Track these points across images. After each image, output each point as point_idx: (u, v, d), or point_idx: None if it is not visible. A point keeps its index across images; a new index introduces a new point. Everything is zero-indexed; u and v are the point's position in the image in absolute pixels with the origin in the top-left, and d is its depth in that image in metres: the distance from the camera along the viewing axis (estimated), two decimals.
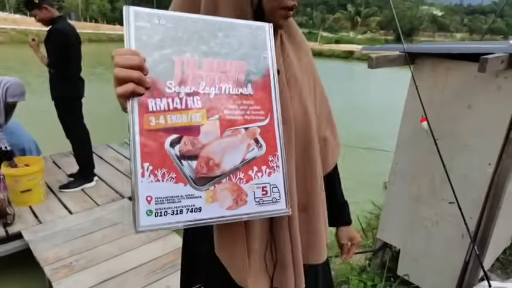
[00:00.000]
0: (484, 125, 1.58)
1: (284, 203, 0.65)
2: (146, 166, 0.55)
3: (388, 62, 1.66)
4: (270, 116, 0.64)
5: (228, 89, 0.62)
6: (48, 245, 2.52)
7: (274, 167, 0.64)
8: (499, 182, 1.60)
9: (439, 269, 1.86)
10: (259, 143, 0.63)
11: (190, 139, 0.58)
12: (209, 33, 0.62)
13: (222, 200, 0.60)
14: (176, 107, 0.57)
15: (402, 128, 1.89)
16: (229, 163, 0.60)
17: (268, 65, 0.65)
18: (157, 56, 0.57)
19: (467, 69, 1.58)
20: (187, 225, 0.57)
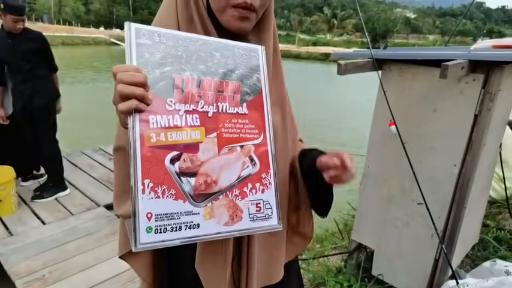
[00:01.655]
0: (449, 127, 1.64)
1: (276, 219, 0.67)
2: (147, 183, 0.56)
3: (357, 68, 1.70)
4: (263, 134, 0.67)
5: (225, 107, 0.64)
6: (20, 258, 2.45)
7: (267, 184, 0.66)
8: (464, 182, 1.66)
9: (411, 268, 1.92)
10: (254, 160, 0.66)
11: (190, 156, 0.60)
12: (207, 53, 0.64)
13: (219, 216, 0.61)
14: (176, 125, 0.59)
15: (372, 132, 1.95)
16: (226, 180, 0.62)
17: (261, 86, 0.69)
18: (158, 74, 0.59)
19: (432, 74, 1.64)
20: (185, 241, 0.58)
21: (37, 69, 3.03)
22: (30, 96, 3.00)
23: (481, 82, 1.52)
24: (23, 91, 3.00)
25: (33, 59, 2.99)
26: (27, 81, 3.00)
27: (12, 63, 2.97)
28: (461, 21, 33.87)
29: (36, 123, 3.07)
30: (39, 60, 3.03)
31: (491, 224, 2.72)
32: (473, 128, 1.59)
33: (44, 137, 3.15)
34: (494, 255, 2.38)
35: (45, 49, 3.07)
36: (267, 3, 0.76)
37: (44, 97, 3.07)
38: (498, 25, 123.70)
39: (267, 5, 0.77)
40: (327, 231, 3.24)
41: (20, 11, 2.85)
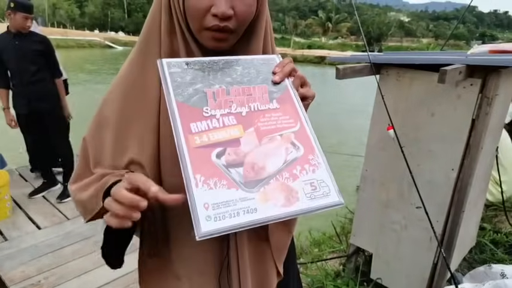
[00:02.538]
0: (447, 131, 1.65)
1: (336, 195, 0.66)
2: (198, 177, 0.60)
3: (355, 72, 1.71)
4: (300, 122, 0.71)
5: (257, 106, 0.70)
6: (15, 263, 2.42)
7: (316, 163, 0.68)
8: (462, 186, 1.67)
9: (409, 271, 1.92)
10: (296, 145, 0.68)
11: (233, 150, 0.64)
12: (230, 69, 0.72)
13: (274, 199, 0.62)
14: (215, 126, 0.65)
15: (370, 136, 1.95)
16: (273, 165, 0.65)
17: (286, 84, 0.74)
18: (191, 91, 0.67)
19: (429, 78, 1.65)
20: (246, 226, 0.60)
21: (43, 71, 3.04)
22: (38, 99, 3.03)
23: (478, 87, 1.53)
24: (29, 94, 3.01)
25: (39, 61, 3.01)
26: (33, 84, 3.00)
27: (18, 64, 2.97)
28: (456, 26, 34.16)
29: (47, 126, 3.12)
30: (44, 63, 3.06)
31: (487, 227, 2.73)
32: (470, 132, 1.60)
33: (56, 138, 3.21)
34: (491, 258, 2.39)
35: (50, 52, 3.09)
36: (247, 19, 0.74)
37: (51, 100, 3.10)
38: (490, 29, 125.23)
39: (250, 20, 0.75)
40: (324, 235, 3.24)
41: (30, 9, 2.92)
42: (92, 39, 40.61)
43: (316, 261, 2.54)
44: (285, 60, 0.76)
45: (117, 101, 0.78)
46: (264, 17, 0.79)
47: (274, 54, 0.78)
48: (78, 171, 0.82)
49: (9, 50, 2.92)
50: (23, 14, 2.85)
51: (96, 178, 0.75)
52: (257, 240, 0.85)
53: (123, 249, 0.80)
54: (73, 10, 69.51)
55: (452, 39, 33.09)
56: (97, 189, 0.73)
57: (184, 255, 0.82)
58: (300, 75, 0.75)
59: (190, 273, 0.82)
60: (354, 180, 5.17)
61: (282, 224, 0.88)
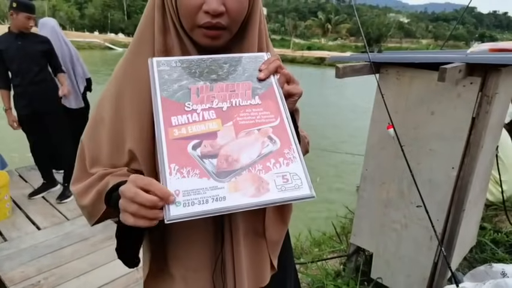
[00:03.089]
0: (447, 130, 1.65)
1: (307, 188, 0.67)
2: (173, 166, 0.63)
3: (355, 71, 1.71)
4: (280, 117, 0.72)
5: (238, 101, 0.72)
6: (14, 264, 2.42)
7: (291, 158, 0.69)
8: (462, 185, 1.67)
9: (410, 270, 1.92)
10: (273, 139, 0.70)
11: (209, 142, 0.67)
12: (217, 66, 0.74)
13: (244, 189, 0.64)
14: (195, 120, 0.68)
15: (370, 135, 1.95)
16: (247, 158, 0.67)
17: (271, 81, 0.75)
18: (176, 87, 0.70)
19: (429, 77, 1.65)
20: (213, 213, 0.62)
21: (45, 71, 3.08)
22: (40, 99, 3.04)
23: (478, 85, 1.53)
24: (31, 94, 3.02)
25: (42, 61, 3.04)
26: (36, 84, 3.02)
27: (21, 64, 2.97)
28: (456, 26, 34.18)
29: (48, 126, 3.14)
30: (46, 63, 3.10)
31: (488, 226, 2.73)
32: (471, 130, 1.60)
33: (57, 138, 3.23)
34: (492, 258, 2.39)
35: (52, 52, 3.12)
36: (240, 17, 0.75)
37: (52, 100, 3.13)
38: (490, 30, 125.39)
39: (243, 17, 0.76)
40: (324, 235, 3.24)
41: (33, 9, 2.96)
42: (91, 40, 40.64)
43: (317, 261, 2.53)
44: (270, 58, 0.77)
45: (111, 101, 0.79)
46: (257, 15, 0.79)
47: (263, 52, 0.79)
48: (76, 173, 0.82)
49: (12, 50, 2.93)
50: (26, 14, 2.87)
51: (96, 179, 0.76)
52: (252, 234, 0.85)
53: (138, 247, 0.80)
54: (73, 12, 69.56)
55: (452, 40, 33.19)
56: (99, 191, 0.74)
57: (178, 254, 0.82)
58: (285, 73, 0.76)
59: (185, 271, 0.82)
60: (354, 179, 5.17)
61: (277, 216, 0.89)
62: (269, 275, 0.90)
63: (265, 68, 0.75)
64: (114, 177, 0.74)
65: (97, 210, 0.77)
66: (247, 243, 0.84)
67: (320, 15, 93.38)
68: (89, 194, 0.76)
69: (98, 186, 0.74)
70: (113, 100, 0.78)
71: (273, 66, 0.75)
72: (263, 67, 0.75)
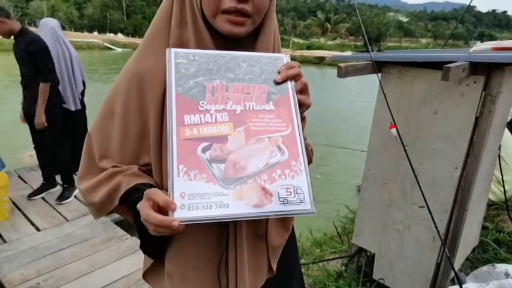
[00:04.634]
0: (450, 130, 1.63)
1: (309, 204, 0.68)
2: (181, 168, 0.64)
3: (357, 71, 1.69)
4: (291, 126, 0.72)
5: (252, 106, 0.71)
6: (14, 266, 2.40)
7: (297, 170, 0.69)
8: (465, 185, 1.65)
9: (413, 271, 1.90)
10: (282, 149, 0.70)
11: (219, 146, 0.67)
12: (235, 64, 0.73)
13: (248, 198, 0.65)
14: (207, 121, 0.68)
15: (372, 135, 1.93)
16: (254, 166, 0.67)
17: (287, 87, 0.74)
18: (192, 83, 0.69)
19: (432, 76, 1.63)
20: (215, 219, 0.63)
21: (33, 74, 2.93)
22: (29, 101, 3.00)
23: (481, 84, 1.52)
24: (25, 94, 3.02)
25: (29, 63, 2.89)
26: (25, 87, 3.00)
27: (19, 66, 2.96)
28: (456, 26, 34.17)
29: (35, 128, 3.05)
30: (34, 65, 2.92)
31: (490, 226, 2.71)
32: (474, 130, 1.59)
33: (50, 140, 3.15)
34: (495, 258, 2.37)
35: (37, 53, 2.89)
36: (264, 8, 0.74)
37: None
38: (489, 28, 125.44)
39: (266, 10, 0.75)
40: (325, 235, 3.22)
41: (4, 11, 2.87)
42: (90, 41, 40.61)
43: (318, 262, 2.52)
44: (292, 62, 0.75)
45: (123, 93, 0.78)
46: (273, 15, 0.79)
47: (283, 54, 0.78)
48: (83, 167, 0.82)
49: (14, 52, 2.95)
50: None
51: (105, 177, 0.76)
52: (254, 237, 0.85)
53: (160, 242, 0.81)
54: (72, 12, 69.47)
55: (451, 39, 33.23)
56: (110, 191, 0.75)
57: (176, 252, 0.81)
58: (303, 81, 0.75)
59: (183, 269, 0.81)
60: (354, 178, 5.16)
61: (279, 222, 0.88)
62: (265, 277, 0.90)
63: (284, 71, 0.73)
64: (126, 177, 0.74)
65: (106, 208, 0.79)
66: (249, 245, 0.83)
67: (319, 14, 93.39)
68: (99, 192, 0.77)
69: (109, 185, 0.75)
70: (124, 93, 0.78)
71: (293, 73, 0.74)
72: (282, 69, 0.74)
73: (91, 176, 0.80)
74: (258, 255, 0.87)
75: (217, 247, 0.81)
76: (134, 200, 0.70)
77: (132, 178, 0.74)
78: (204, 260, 0.81)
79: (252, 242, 0.84)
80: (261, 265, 0.88)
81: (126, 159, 0.78)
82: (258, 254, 0.87)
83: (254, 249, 0.85)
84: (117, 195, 0.74)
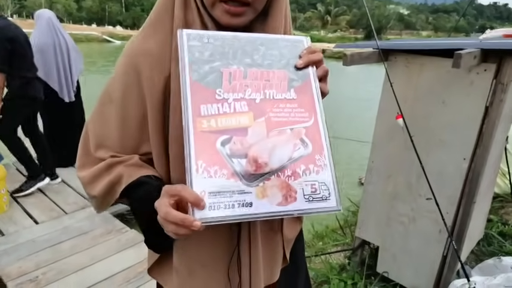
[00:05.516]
0: (458, 120, 1.59)
1: (335, 201, 0.64)
2: (200, 163, 0.59)
3: (363, 59, 1.64)
4: (314, 117, 0.67)
5: (272, 94, 0.66)
6: (12, 259, 2.36)
7: (322, 165, 0.65)
8: (474, 177, 1.61)
9: (418, 265, 1.87)
10: (305, 142, 0.65)
11: (239, 139, 0.62)
12: (252, 48, 0.67)
13: (271, 196, 0.61)
14: (225, 111, 0.63)
15: (377, 126, 1.89)
16: (277, 161, 0.63)
17: (308, 73, 0.69)
18: (207, 69, 0.64)
19: (440, 64, 1.58)
20: (238, 219, 0.59)
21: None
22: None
23: (492, 72, 1.47)
24: None
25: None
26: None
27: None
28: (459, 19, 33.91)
29: None
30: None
31: (494, 218, 2.68)
32: (483, 120, 1.54)
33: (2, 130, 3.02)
34: (499, 251, 2.34)
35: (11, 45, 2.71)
36: None
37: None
38: (490, 21, 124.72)
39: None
40: (327, 228, 3.19)
41: None
42: (89, 33, 40.31)
43: (320, 255, 2.49)
44: (312, 47, 0.70)
45: (121, 78, 0.73)
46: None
47: (302, 37, 0.73)
48: (80, 158, 0.79)
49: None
50: None
51: (104, 168, 0.72)
52: (269, 230, 0.81)
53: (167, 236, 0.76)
54: (70, 4, 68.96)
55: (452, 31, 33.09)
56: (111, 183, 0.71)
57: (184, 247, 0.77)
58: (325, 68, 0.70)
59: (191, 266, 0.77)
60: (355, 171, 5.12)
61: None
62: (279, 270, 0.87)
63: (306, 56, 0.68)
64: (127, 168, 0.70)
65: (107, 201, 0.75)
66: (263, 240, 0.79)
67: (319, 7, 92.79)
68: (98, 183, 0.73)
69: (109, 177, 0.71)
70: (122, 77, 0.73)
71: (315, 58, 0.68)
72: (304, 54, 0.68)
73: (88, 167, 0.76)
74: (273, 249, 0.84)
75: (228, 243, 0.77)
76: (139, 195, 0.66)
77: (134, 169, 0.70)
78: (213, 257, 0.77)
79: (267, 236, 0.81)
80: (276, 259, 0.85)
81: (126, 149, 0.73)
82: (273, 248, 0.83)
83: (269, 243, 0.82)
84: (118, 188, 0.70)
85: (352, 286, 2.07)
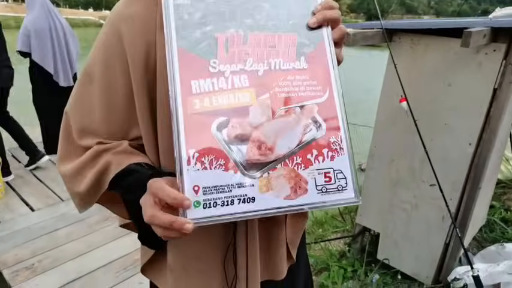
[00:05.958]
0: (465, 103, 1.53)
1: (352, 191, 0.55)
2: (192, 153, 0.50)
3: (366, 38, 1.56)
4: (329, 91, 0.56)
5: (279, 64, 0.55)
6: (7, 246, 2.33)
7: (338, 149, 0.56)
8: (479, 162, 1.56)
9: (419, 252, 1.83)
10: (318, 122, 0.55)
11: (239, 121, 0.53)
12: (254, 5, 0.56)
13: (278, 188, 0.52)
14: (222, 88, 0.53)
15: (380, 109, 1.82)
16: (284, 147, 0.54)
17: (322, 35, 0.58)
18: (198, 34, 0.53)
19: (447, 45, 1.51)
20: (239, 217, 0.51)
21: None
22: None
23: (502, 52, 1.40)
24: None
25: None
26: None
27: None
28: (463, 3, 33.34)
29: None
30: None
31: (496, 205, 2.64)
32: (491, 103, 1.48)
33: None
34: (501, 237, 2.31)
35: None
36: None
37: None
38: (493, 5, 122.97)
39: None
40: (326, 214, 3.15)
41: None
42: (86, 18, 39.68)
43: (320, 242, 2.46)
44: (331, 1, 0.58)
45: (102, 52, 0.64)
46: None
47: None
48: (62, 150, 0.69)
49: None
50: None
51: (90, 158, 0.63)
52: (270, 222, 0.73)
53: None
54: None
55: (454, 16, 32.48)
56: (97, 175, 0.62)
57: (178, 243, 0.70)
58: (342, 29, 0.59)
59: (185, 261, 0.71)
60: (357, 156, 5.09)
61: None
62: (286, 268, 0.79)
63: (321, 12, 0.57)
64: (116, 156, 0.61)
65: (92, 197, 0.65)
66: (262, 233, 0.72)
67: None
68: (83, 178, 0.63)
69: (95, 168, 0.62)
70: (103, 50, 0.64)
71: (332, 15, 0.57)
72: (319, 9, 0.57)
73: (72, 158, 0.66)
74: (274, 244, 0.76)
75: (223, 236, 0.70)
76: (128, 184, 0.58)
77: (124, 157, 0.61)
78: (208, 252, 0.71)
79: (267, 228, 0.73)
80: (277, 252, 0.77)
81: (114, 133, 0.64)
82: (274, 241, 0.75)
83: (269, 236, 0.74)
84: (106, 179, 0.61)
85: (352, 273, 2.05)
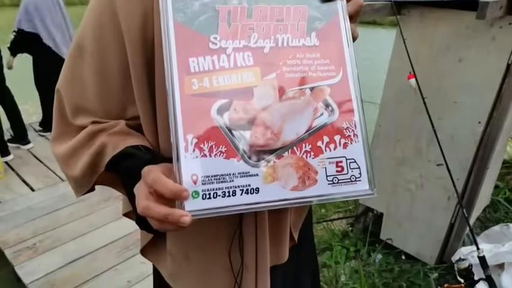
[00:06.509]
0: (476, 80, 1.47)
1: (366, 182, 0.51)
2: (190, 138, 0.46)
3: (373, 11, 1.49)
4: (343, 71, 0.51)
5: (287, 40, 0.50)
6: (9, 226, 2.32)
7: (351, 136, 0.51)
8: (488, 142, 1.52)
9: (423, 232, 1.82)
10: (330, 106, 0.51)
11: (242, 104, 0.48)
12: None
13: (284, 178, 0.49)
14: (223, 66, 0.48)
15: (387, 87, 1.76)
16: (292, 133, 0.49)
17: (336, 7, 0.52)
18: (197, 7, 0.48)
19: (458, 18, 1.44)
20: (242, 210, 0.47)
21: None
22: None
23: None
24: None
25: None
26: None
27: None
28: None
29: None
30: None
31: (500, 185, 2.61)
32: (504, 79, 1.42)
33: None
34: (505, 217, 2.29)
35: None
36: None
37: None
38: None
39: None
40: None
41: None
42: None
43: (322, 222, 2.44)
44: None
45: (91, 21, 0.59)
46: None
47: None
48: (56, 129, 0.64)
49: None
50: None
51: (85, 138, 0.59)
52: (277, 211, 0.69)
53: None
54: None
55: None
56: (92, 157, 0.58)
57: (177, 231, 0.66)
58: (359, 2, 0.53)
59: (187, 248, 0.67)
60: None
61: None
62: (288, 250, 0.76)
63: None
64: (112, 137, 0.57)
65: (88, 180, 0.61)
66: (270, 215, 0.68)
67: None
68: (78, 160, 0.59)
69: (90, 149, 0.58)
70: (94, 20, 0.58)
71: None
72: None
73: (66, 139, 0.62)
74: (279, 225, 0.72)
75: (228, 222, 0.66)
76: (125, 168, 0.54)
77: (120, 138, 0.57)
78: (212, 239, 0.67)
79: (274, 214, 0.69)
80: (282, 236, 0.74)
81: (110, 112, 0.60)
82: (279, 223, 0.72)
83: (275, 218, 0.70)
84: (101, 162, 0.58)
85: (354, 253, 2.04)
